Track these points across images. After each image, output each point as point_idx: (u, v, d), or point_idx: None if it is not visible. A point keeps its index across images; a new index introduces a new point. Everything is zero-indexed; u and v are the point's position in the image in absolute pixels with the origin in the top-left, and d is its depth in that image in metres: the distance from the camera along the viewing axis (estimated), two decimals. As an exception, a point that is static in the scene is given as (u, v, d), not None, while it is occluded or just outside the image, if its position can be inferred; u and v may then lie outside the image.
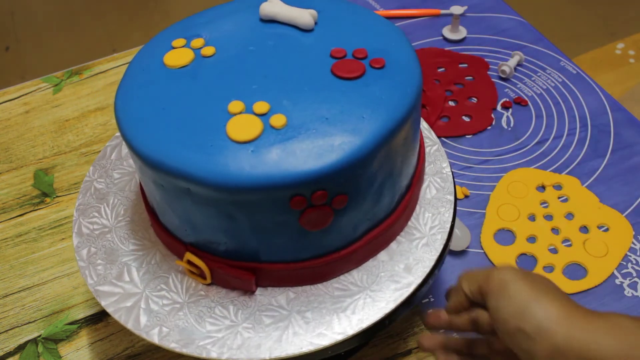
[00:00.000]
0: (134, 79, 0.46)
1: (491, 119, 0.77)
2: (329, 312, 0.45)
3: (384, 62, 0.45)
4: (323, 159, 0.39)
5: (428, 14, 0.92)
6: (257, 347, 0.44)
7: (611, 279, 0.61)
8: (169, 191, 0.43)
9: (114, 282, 0.48)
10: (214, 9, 0.52)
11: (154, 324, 0.45)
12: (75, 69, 0.88)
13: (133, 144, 0.42)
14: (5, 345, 0.60)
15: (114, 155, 0.57)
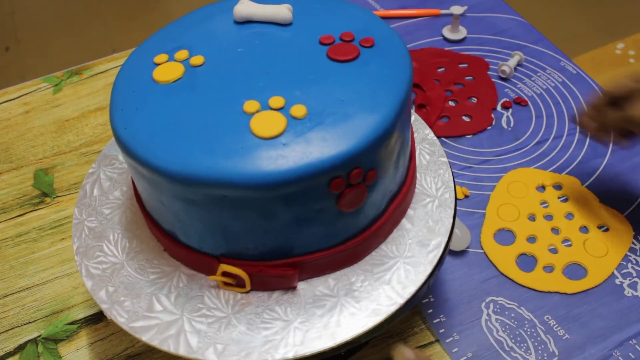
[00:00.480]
0: (128, 102, 0.45)
1: (491, 119, 0.77)
2: (374, 288, 0.47)
3: (373, 40, 0.47)
4: (355, 137, 0.41)
5: (428, 14, 0.92)
6: (319, 338, 0.44)
7: (611, 279, 0.61)
8: (201, 205, 0.42)
9: (147, 315, 0.46)
10: (185, 18, 0.51)
11: (207, 343, 0.44)
12: (75, 69, 0.88)
13: (158, 165, 0.40)
14: (5, 345, 0.60)
15: (96, 192, 0.55)
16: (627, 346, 0.57)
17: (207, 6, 0.53)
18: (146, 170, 0.42)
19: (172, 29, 0.50)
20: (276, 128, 0.41)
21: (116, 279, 0.48)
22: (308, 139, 0.40)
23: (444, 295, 0.61)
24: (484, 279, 0.62)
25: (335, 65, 0.45)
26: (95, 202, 0.54)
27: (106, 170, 0.56)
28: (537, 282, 0.61)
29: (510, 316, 0.59)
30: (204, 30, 0.49)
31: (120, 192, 0.55)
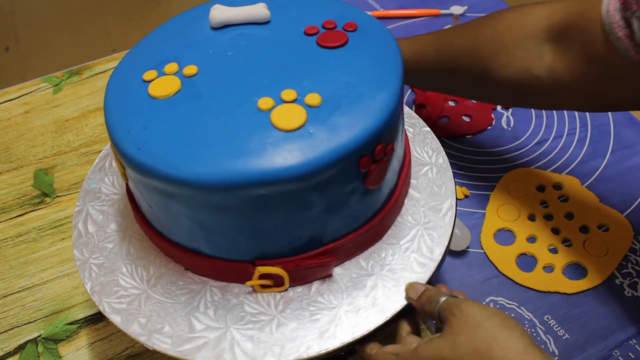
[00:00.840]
0: (131, 123, 0.43)
1: (491, 119, 0.77)
2: (405, 258, 0.49)
3: (356, 25, 0.49)
4: (374, 114, 0.42)
5: (428, 14, 0.92)
6: (370, 316, 0.45)
7: (611, 279, 0.61)
8: (236, 210, 0.41)
9: (192, 336, 0.45)
10: (159, 32, 0.51)
11: (263, 348, 0.44)
12: (75, 69, 0.88)
13: (190, 179, 0.40)
14: (5, 345, 0.60)
15: (91, 228, 0.53)
16: (627, 346, 0.57)
17: (176, 17, 0.52)
18: (174, 187, 0.41)
19: (149, 44, 0.50)
20: (298, 119, 0.41)
21: (145, 308, 0.47)
22: (332, 124, 0.41)
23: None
24: (484, 279, 0.62)
25: (329, 52, 0.47)
26: (93, 239, 0.52)
27: (94, 205, 0.54)
28: (537, 282, 0.61)
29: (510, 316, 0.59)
30: (184, 41, 0.49)
31: (117, 223, 0.53)
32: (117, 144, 0.43)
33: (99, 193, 0.55)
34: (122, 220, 0.53)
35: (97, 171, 0.57)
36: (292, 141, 0.40)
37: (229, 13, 0.49)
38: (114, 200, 0.55)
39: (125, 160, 0.43)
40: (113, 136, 0.43)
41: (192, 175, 0.40)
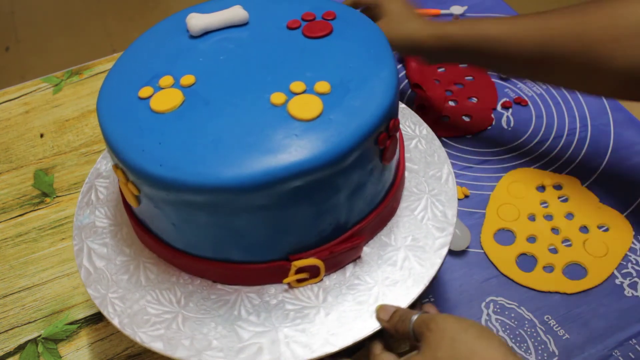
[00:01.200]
0: (144, 141, 0.42)
1: (491, 119, 0.77)
2: (424, 225, 0.51)
3: (334, 13, 0.50)
4: (383, 92, 0.44)
5: (428, 14, 0.92)
6: (416, 285, 0.47)
7: (611, 279, 0.61)
8: (273, 207, 0.41)
9: (244, 345, 0.45)
10: (136, 47, 0.50)
11: (322, 337, 0.44)
12: (75, 69, 0.88)
13: (229, 184, 0.39)
14: (5, 345, 0.60)
15: (100, 263, 0.51)
16: (627, 346, 0.57)
17: (149, 32, 0.51)
18: (206, 196, 0.40)
19: (130, 61, 0.49)
20: (316, 108, 0.42)
21: (185, 329, 0.46)
22: (348, 107, 0.42)
23: (444, 295, 0.61)
24: (484, 279, 0.62)
25: (318, 42, 0.48)
26: (105, 273, 0.50)
27: (94, 241, 0.52)
28: (537, 282, 0.61)
29: (510, 316, 0.59)
30: (167, 54, 0.48)
31: (124, 254, 0.51)
32: (134, 165, 0.41)
33: (94, 227, 0.53)
34: (129, 249, 0.51)
35: (83, 206, 0.55)
36: (316, 130, 0.41)
37: (207, 20, 0.49)
38: (113, 232, 0.53)
39: (147, 181, 0.41)
40: (126, 159, 0.42)
41: (224, 180, 0.39)
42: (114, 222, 0.53)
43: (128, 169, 0.42)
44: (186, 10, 0.52)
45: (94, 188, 0.57)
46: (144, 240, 0.50)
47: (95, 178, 0.58)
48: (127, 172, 0.43)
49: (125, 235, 0.52)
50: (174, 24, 0.51)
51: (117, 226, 0.53)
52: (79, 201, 0.56)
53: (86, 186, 0.57)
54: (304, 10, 0.51)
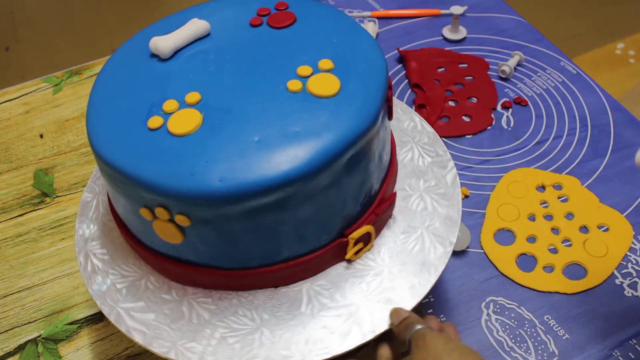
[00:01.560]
0: (185, 167, 0.40)
1: (491, 119, 0.77)
2: (436, 200, 0.53)
3: (287, 4, 0.51)
4: (377, 53, 0.47)
5: (428, 14, 0.92)
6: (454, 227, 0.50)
7: (611, 279, 0.61)
8: (329, 187, 0.43)
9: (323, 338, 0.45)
10: (105, 84, 0.48)
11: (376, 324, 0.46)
12: (75, 69, 0.88)
13: (286, 177, 0.40)
14: (5, 345, 0.60)
15: (149, 319, 0.47)
16: (627, 346, 0.57)
17: (107, 67, 0.49)
18: (278, 193, 0.40)
19: (111, 97, 0.46)
20: (334, 83, 0.44)
21: (257, 338, 0.45)
22: (358, 75, 0.45)
23: (444, 295, 0.61)
24: (484, 279, 0.62)
25: (289, 30, 0.49)
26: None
27: (125, 303, 0.48)
28: (537, 282, 0.61)
29: (510, 316, 0.59)
30: (149, 80, 0.46)
31: (168, 300, 0.48)
32: (192, 191, 0.40)
33: (113, 291, 0.49)
34: (169, 294, 0.48)
35: (90, 276, 0.50)
36: (346, 101, 0.43)
37: (174, 39, 0.48)
38: (138, 285, 0.50)
39: (211, 200, 0.40)
40: (181, 190, 0.40)
41: (290, 173, 0.40)
42: (136, 277, 0.50)
43: (185, 200, 0.40)
44: (141, 33, 0.51)
45: (90, 255, 0.51)
46: (182, 275, 0.47)
47: (85, 243, 0.52)
48: (178, 206, 0.41)
49: (155, 282, 0.49)
50: (132, 52, 0.49)
51: (140, 279, 0.49)
52: (83, 272, 0.51)
53: (80, 254, 0.52)
54: (256, 7, 0.51)
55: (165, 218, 0.43)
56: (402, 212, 0.52)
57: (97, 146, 0.43)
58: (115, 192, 0.45)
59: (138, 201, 0.43)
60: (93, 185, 0.56)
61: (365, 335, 0.45)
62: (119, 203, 0.46)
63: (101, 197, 0.55)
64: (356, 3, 0.94)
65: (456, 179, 0.54)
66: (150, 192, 0.41)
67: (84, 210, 0.54)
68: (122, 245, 0.51)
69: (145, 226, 0.45)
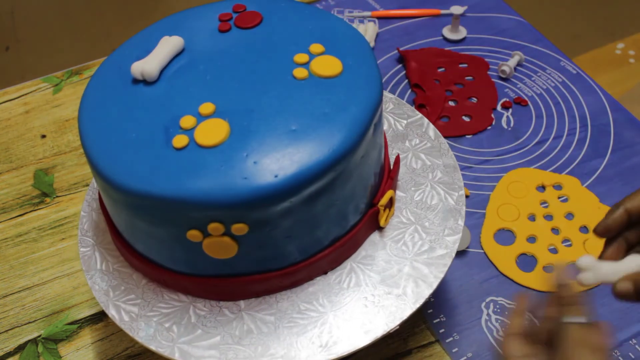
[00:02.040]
0: (236, 173, 0.40)
1: (491, 119, 0.77)
2: (428, 170, 0.54)
3: (245, 5, 0.51)
4: (356, 32, 0.49)
5: (428, 14, 0.92)
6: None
7: (611, 279, 0.61)
8: (365, 158, 0.45)
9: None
10: (95, 118, 0.45)
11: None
12: (75, 69, 0.88)
13: (334, 156, 0.41)
14: (5, 345, 0.60)
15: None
16: (627, 346, 0.57)
17: (91, 94, 0.48)
18: (331, 174, 0.42)
19: (113, 128, 0.44)
20: (336, 63, 0.46)
21: (331, 321, 0.46)
22: (351, 53, 0.47)
23: (444, 295, 0.61)
24: (484, 279, 0.62)
25: (262, 28, 0.50)
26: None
27: (190, 343, 0.46)
28: (537, 282, 0.61)
29: (510, 316, 0.59)
30: (149, 103, 0.45)
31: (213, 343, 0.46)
32: (248, 195, 0.40)
33: (163, 331, 0.47)
34: (217, 333, 0.47)
35: (131, 326, 0.47)
36: (354, 78, 0.45)
37: (157, 60, 0.47)
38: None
39: (268, 199, 0.40)
40: (232, 196, 0.40)
41: (340, 149, 0.41)
42: (179, 309, 0.48)
43: (244, 206, 0.40)
44: (108, 60, 0.50)
45: (120, 306, 0.48)
46: (234, 291, 0.47)
47: (107, 296, 0.49)
48: (235, 215, 0.41)
49: (203, 307, 0.47)
50: (109, 81, 0.48)
51: (185, 310, 0.47)
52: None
53: (110, 309, 0.48)
54: (216, 15, 0.51)
55: (219, 233, 0.42)
56: (405, 173, 0.54)
57: (125, 182, 0.41)
58: (147, 226, 0.43)
59: (183, 225, 0.42)
60: (86, 239, 0.53)
61: (432, 284, 0.47)
62: (149, 238, 0.45)
63: (102, 247, 0.52)
64: (356, 3, 0.94)
65: (436, 132, 0.57)
66: (203, 209, 0.40)
67: (89, 266, 0.51)
68: (148, 286, 0.49)
69: (189, 251, 0.44)
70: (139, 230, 0.45)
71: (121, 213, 0.45)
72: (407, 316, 0.46)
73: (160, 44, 0.48)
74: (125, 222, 0.46)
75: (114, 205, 0.45)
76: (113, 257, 0.51)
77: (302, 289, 0.47)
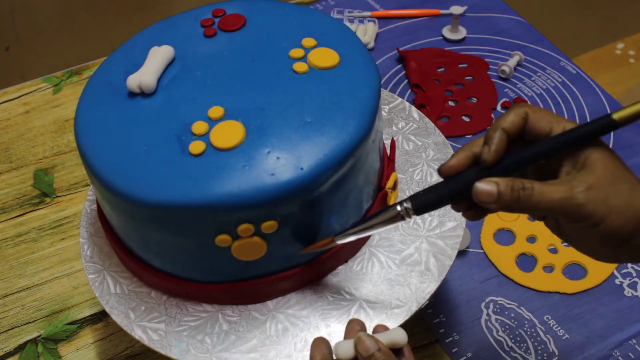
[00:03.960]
0: (261, 168, 0.40)
1: (491, 119, 0.77)
2: (421, 151, 0.55)
3: (224, 9, 0.52)
4: (345, 27, 0.50)
5: (428, 14, 0.92)
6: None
7: (611, 279, 0.61)
8: (371, 150, 0.46)
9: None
10: (97, 127, 0.46)
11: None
12: (75, 69, 0.88)
13: (348, 146, 0.42)
14: (5, 345, 0.60)
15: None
16: (627, 346, 0.57)
17: (85, 109, 0.48)
18: (351, 161, 0.43)
19: (119, 145, 0.44)
20: (333, 55, 0.46)
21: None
22: (344, 44, 0.47)
23: (444, 295, 0.61)
24: (484, 279, 0.62)
25: (249, 29, 0.50)
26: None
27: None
28: (537, 282, 0.61)
29: (510, 316, 0.59)
30: (152, 113, 0.45)
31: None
32: (278, 190, 0.40)
33: (196, 343, 0.46)
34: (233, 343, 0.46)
35: (163, 345, 0.46)
36: (353, 67, 0.46)
37: (153, 71, 0.46)
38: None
39: (298, 191, 0.40)
40: (262, 194, 0.40)
41: (358, 134, 0.42)
42: (206, 319, 0.47)
43: (276, 201, 0.40)
44: (97, 74, 0.50)
45: (145, 327, 0.47)
46: (261, 291, 0.47)
47: (129, 319, 0.47)
48: (265, 213, 0.41)
49: (232, 313, 0.47)
50: (102, 95, 0.48)
51: (213, 319, 0.47)
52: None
53: (136, 332, 0.47)
54: (198, 22, 0.51)
55: (249, 234, 0.42)
56: (398, 155, 0.55)
57: (146, 197, 0.40)
58: (170, 238, 0.43)
59: (212, 232, 0.41)
60: (92, 265, 0.51)
61: (451, 256, 0.49)
62: (171, 251, 0.44)
63: (111, 271, 0.50)
64: (356, 3, 0.94)
65: (419, 113, 0.58)
66: (234, 212, 0.40)
67: (102, 292, 0.49)
68: (169, 302, 0.48)
69: (216, 258, 0.43)
70: (158, 245, 0.44)
71: (138, 230, 0.44)
72: (434, 290, 0.47)
73: (151, 54, 0.47)
74: (141, 238, 0.45)
75: (129, 223, 0.44)
76: (125, 279, 0.50)
77: (327, 280, 0.48)
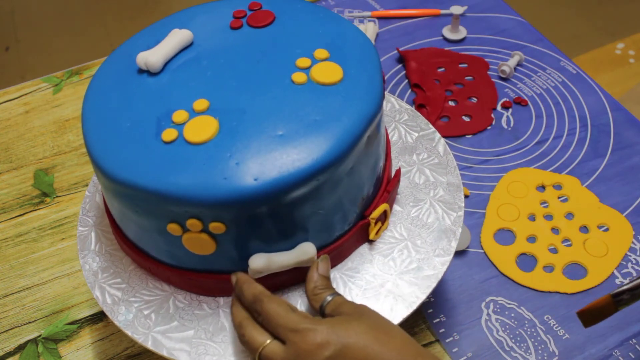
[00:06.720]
0: (216, 178, 0.40)
1: (491, 119, 0.77)
2: (430, 187, 0.54)
3: (260, 4, 0.51)
4: (363, 37, 0.49)
5: (428, 14, 0.92)
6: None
7: (611, 279, 0.61)
8: (355, 167, 0.44)
9: None
10: (96, 104, 0.46)
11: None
12: (75, 69, 0.88)
13: (323, 161, 0.41)
14: (5, 345, 0.60)
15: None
16: (627, 346, 0.57)
17: (98, 79, 0.48)
18: (320, 178, 0.42)
19: (111, 115, 0.45)
20: (337, 70, 0.45)
21: None
22: (354, 58, 0.46)
23: (444, 295, 0.61)
24: (484, 279, 0.62)
25: (272, 28, 0.49)
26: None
27: (162, 329, 0.47)
28: (537, 282, 0.61)
29: (510, 316, 0.59)
30: (149, 93, 0.45)
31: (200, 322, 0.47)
32: (226, 195, 0.40)
33: (141, 317, 0.47)
34: (203, 311, 0.47)
35: (112, 309, 0.48)
36: (352, 88, 0.44)
37: (162, 52, 0.47)
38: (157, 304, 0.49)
39: (246, 202, 0.40)
40: (210, 195, 0.40)
41: (324, 158, 0.41)
42: (160, 299, 0.48)
43: (222, 206, 0.40)
44: (119, 49, 0.50)
45: (105, 287, 0.49)
46: (213, 287, 0.47)
47: (96, 276, 0.50)
48: (213, 214, 0.41)
49: (184, 300, 0.48)
50: (116, 69, 0.48)
51: (165, 300, 0.48)
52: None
53: (95, 289, 0.49)
54: (231, 11, 0.51)
55: (197, 229, 0.42)
56: (406, 187, 0.53)
57: (112, 170, 0.42)
58: (133, 215, 0.44)
59: (164, 218, 0.42)
60: (86, 219, 0.54)
61: (411, 305, 0.47)
62: (135, 226, 0.45)
63: (99, 229, 0.53)
64: (356, 3, 0.94)
65: (446, 148, 0.56)
66: (182, 205, 0.40)
67: (83, 245, 0.52)
68: (135, 272, 0.49)
69: (170, 244, 0.44)
70: (128, 218, 0.46)
71: (112, 199, 0.46)
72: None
73: (169, 36, 0.48)
74: (116, 208, 0.47)
75: (106, 191, 0.46)
76: (107, 240, 0.52)
77: (279, 295, 0.47)
